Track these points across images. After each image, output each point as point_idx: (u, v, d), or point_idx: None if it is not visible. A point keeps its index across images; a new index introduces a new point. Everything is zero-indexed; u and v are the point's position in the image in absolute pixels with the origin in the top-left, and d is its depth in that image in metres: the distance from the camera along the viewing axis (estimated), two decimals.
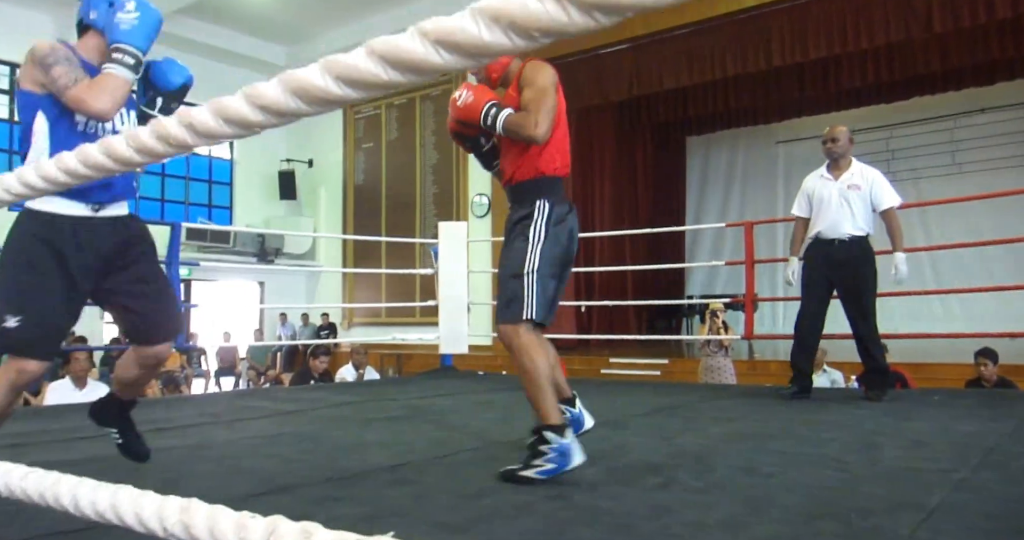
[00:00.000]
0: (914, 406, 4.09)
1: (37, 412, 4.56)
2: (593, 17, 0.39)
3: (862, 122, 14.45)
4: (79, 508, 0.80)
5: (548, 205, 2.45)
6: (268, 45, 14.19)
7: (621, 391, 5.16)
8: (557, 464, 2.27)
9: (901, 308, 13.53)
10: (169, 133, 0.54)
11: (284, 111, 0.48)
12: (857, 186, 4.35)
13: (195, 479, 2.44)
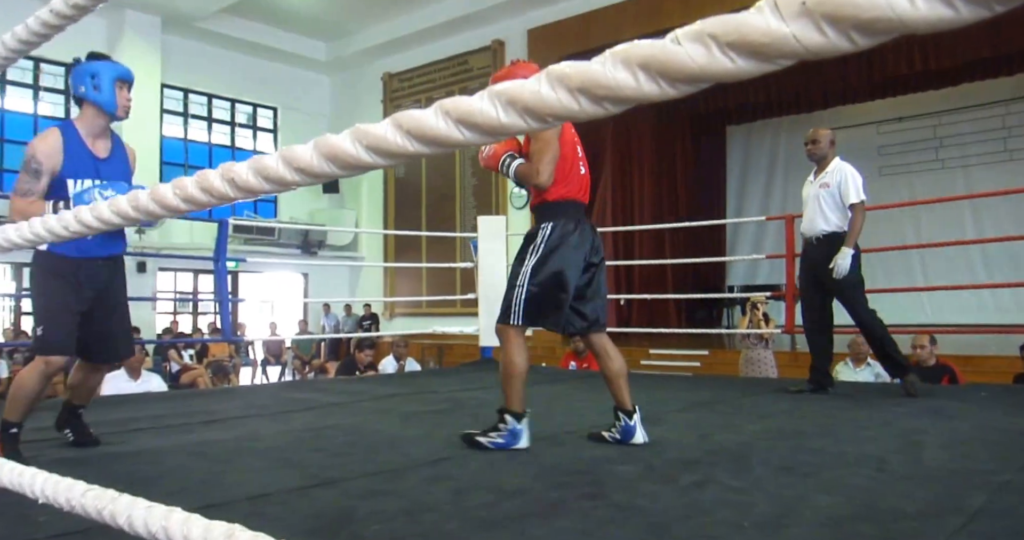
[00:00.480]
0: (959, 403, 4.02)
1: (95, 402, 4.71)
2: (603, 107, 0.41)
3: (908, 109, 14.13)
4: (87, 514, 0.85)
5: (551, 227, 2.86)
6: (309, 41, 14.36)
7: (659, 385, 5.15)
8: (506, 441, 2.78)
9: (951, 300, 13.26)
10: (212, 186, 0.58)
11: (317, 173, 0.51)
12: (827, 184, 4.45)
13: (243, 472, 2.51)
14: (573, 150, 2.93)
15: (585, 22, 11.42)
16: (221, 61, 13.86)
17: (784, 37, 0.34)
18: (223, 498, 2.14)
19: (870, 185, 16.10)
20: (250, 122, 14.84)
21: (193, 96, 13.91)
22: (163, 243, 12.06)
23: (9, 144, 11.90)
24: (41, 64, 12.09)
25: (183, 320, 13.43)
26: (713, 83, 0.40)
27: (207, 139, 14.14)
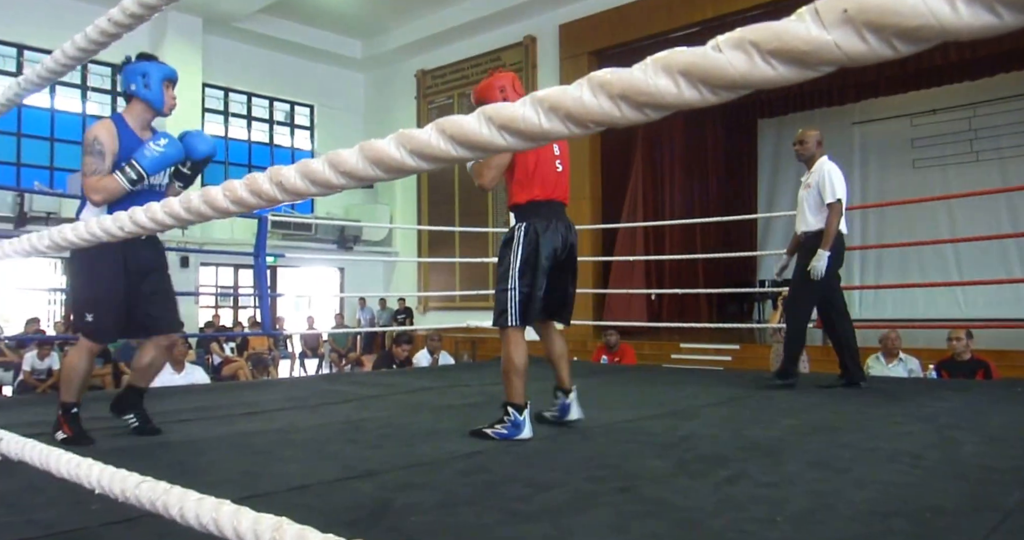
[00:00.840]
0: (995, 398, 3.94)
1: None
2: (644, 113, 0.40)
3: (942, 101, 13.83)
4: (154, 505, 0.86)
5: (524, 228, 3.00)
6: (345, 40, 14.45)
7: (691, 379, 5.11)
8: (509, 432, 2.89)
9: (986, 294, 12.99)
10: (261, 189, 0.58)
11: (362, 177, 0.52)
12: (808, 184, 4.49)
13: (283, 463, 2.54)
14: (547, 150, 3.03)
15: (616, 17, 11.33)
16: (260, 60, 14.00)
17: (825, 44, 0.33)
18: (265, 489, 2.17)
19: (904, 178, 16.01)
20: (288, 119, 14.99)
21: (233, 95, 14.08)
22: (205, 238, 12.24)
23: (60, 143, 12.15)
24: (88, 65, 12.31)
25: (224, 314, 13.63)
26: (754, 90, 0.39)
27: (247, 137, 14.31)
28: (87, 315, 2.84)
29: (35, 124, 11.93)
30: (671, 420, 3.41)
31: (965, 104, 13.74)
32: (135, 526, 1.77)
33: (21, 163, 11.83)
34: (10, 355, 9.20)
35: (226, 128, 13.97)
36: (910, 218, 13.43)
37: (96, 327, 2.85)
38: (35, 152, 11.94)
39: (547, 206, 3.02)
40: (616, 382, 4.97)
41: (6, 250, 1.09)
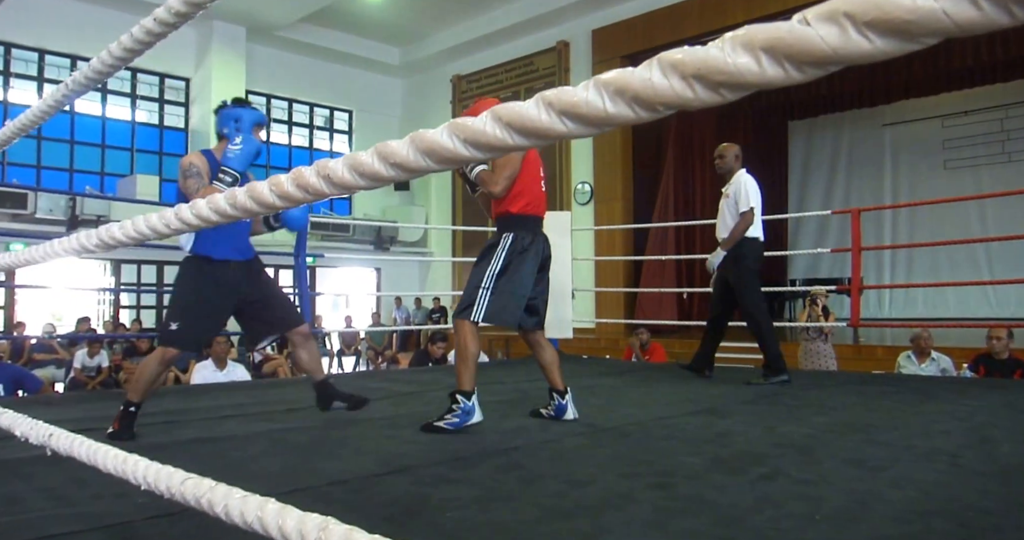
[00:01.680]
0: None
1: (185, 390, 4.86)
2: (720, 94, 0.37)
3: (974, 102, 13.52)
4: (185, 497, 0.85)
5: (512, 237, 3.11)
6: (384, 47, 14.52)
7: (722, 377, 5.03)
8: (461, 419, 2.93)
9: (1017, 293, 12.66)
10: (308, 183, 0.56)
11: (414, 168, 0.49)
12: (727, 195, 4.74)
13: (322, 459, 2.53)
14: (536, 168, 3.23)
15: (648, 22, 11.24)
16: (301, 67, 14.13)
17: (932, 12, 0.30)
18: (304, 484, 2.16)
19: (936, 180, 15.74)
20: (327, 125, 15.11)
21: (275, 101, 14.23)
22: None
23: (110, 149, 12.36)
24: (138, 74, 12.52)
25: None
26: (845, 66, 0.36)
27: (287, 142, 14.45)
28: (172, 324, 3.01)
29: (87, 131, 12.16)
30: (705, 417, 3.35)
31: (997, 105, 13.41)
32: (178, 521, 1.77)
33: (74, 169, 12.06)
34: (62, 353, 9.38)
35: (268, 133, 14.12)
36: (941, 219, 13.15)
37: (178, 336, 3.00)
38: (87, 158, 12.17)
39: (534, 220, 3.20)
40: (648, 380, 4.91)
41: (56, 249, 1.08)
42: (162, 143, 12.82)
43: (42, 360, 9.23)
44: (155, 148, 12.75)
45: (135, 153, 12.53)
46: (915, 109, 14.28)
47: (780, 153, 15.99)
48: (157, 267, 12.37)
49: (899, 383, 4.64)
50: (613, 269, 11.50)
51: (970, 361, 5.76)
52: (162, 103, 12.82)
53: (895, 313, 13.91)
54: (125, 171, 12.33)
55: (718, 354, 5.09)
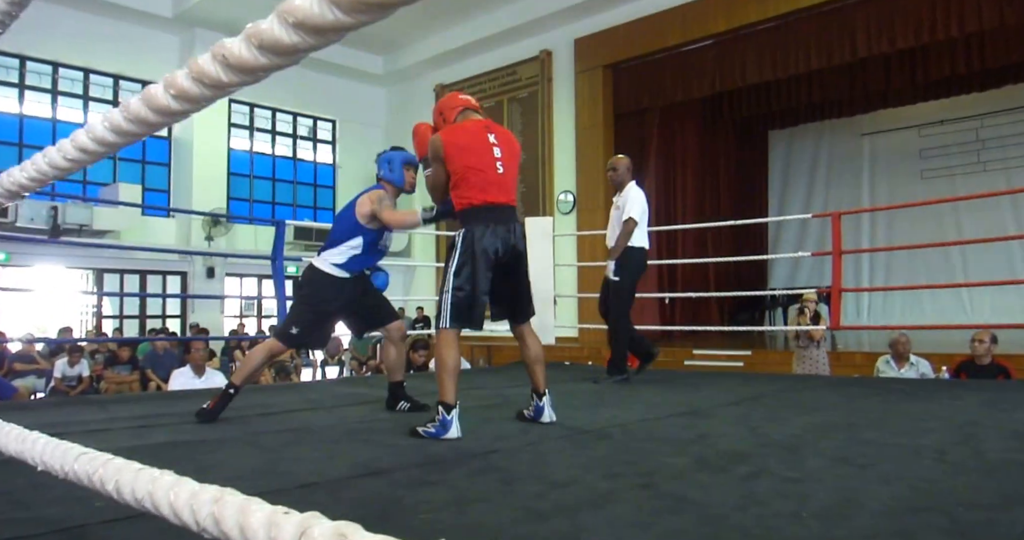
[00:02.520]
0: (1013, 396, 3.77)
1: (162, 396, 4.74)
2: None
3: (950, 112, 13.62)
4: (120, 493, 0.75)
5: (462, 233, 2.98)
6: (367, 56, 14.44)
7: (705, 381, 4.97)
8: (436, 431, 2.82)
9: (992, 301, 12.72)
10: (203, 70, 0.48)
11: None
12: (618, 206, 4.93)
13: (294, 462, 2.43)
14: (486, 153, 2.99)
15: (630, 31, 11.23)
16: (284, 76, 13.97)
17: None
18: (273, 486, 2.06)
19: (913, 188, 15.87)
20: (310, 134, 14.98)
21: (258, 110, 14.09)
22: (229, 250, 12.21)
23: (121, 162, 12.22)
24: (120, 81, 12.37)
25: (250, 323, 13.58)
26: None
27: (271, 151, 14.31)
28: (293, 328, 3.39)
29: None
30: (688, 419, 3.28)
31: (973, 115, 13.52)
32: (136, 523, 1.67)
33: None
34: (43, 363, 9.18)
35: (251, 142, 13.97)
36: (918, 228, 13.22)
37: (293, 338, 3.41)
38: None
39: (486, 210, 2.97)
40: (628, 386, 4.82)
41: None
42: (145, 152, 12.65)
43: (22, 371, 9.02)
44: (138, 157, 12.58)
45: (117, 161, 12.36)
46: (893, 119, 14.37)
47: (761, 162, 16.04)
48: (140, 277, 12.18)
49: (881, 385, 4.59)
50: (596, 276, 11.42)
51: (952, 369, 5.72)
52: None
53: (873, 321, 13.93)
54: (107, 179, 12.15)
55: (699, 362, 5.15)
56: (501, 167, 3.01)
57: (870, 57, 9.95)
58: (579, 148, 11.99)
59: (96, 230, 10.92)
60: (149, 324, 12.25)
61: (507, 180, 3.03)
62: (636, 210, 4.77)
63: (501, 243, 2.96)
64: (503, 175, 3.01)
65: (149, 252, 11.23)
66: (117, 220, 11.16)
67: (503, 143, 3.05)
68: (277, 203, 14.35)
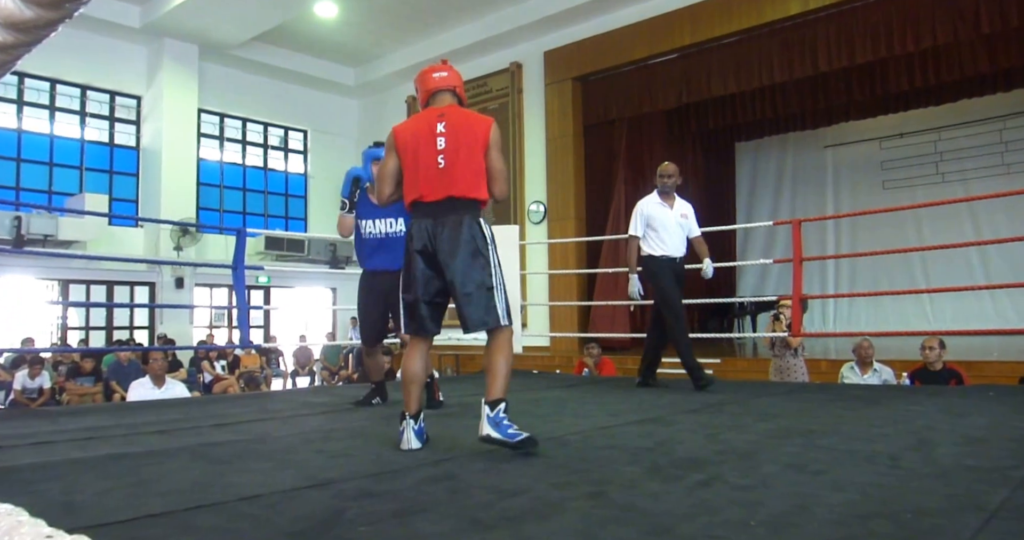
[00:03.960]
0: (969, 402, 3.77)
1: (116, 407, 4.60)
2: None
3: (910, 125, 13.82)
4: None
5: (406, 237, 2.86)
6: (339, 67, 14.34)
7: (670, 389, 4.94)
8: (399, 440, 2.74)
9: (953, 308, 12.89)
10: None
11: None
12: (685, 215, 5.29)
13: (241, 473, 2.34)
14: (429, 148, 2.76)
15: (599, 44, 11.27)
16: (255, 86, 13.87)
17: None
18: (213, 499, 1.97)
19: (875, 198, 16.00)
20: (282, 144, 14.82)
21: (228, 120, 13.91)
22: (199, 260, 11.99)
23: (58, 168, 11.93)
24: (88, 92, 12.15)
25: (219, 334, 13.36)
26: None
27: (241, 161, 14.13)
28: (355, 328, 3.69)
29: (34, 149, 11.71)
30: (648, 426, 3.23)
31: (931, 128, 13.73)
32: None
33: (20, 187, 11.59)
34: (3, 375, 8.93)
35: (221, 152, 13.78)
36: (880, 238, 13.37)
37: (360, 336, 4.07)
38: (34, 176, 11.71)
39: (424, 207, 2.75)
40: (595, 392, 4.78)
41: None
42: (112, 161, 12.42)
43: None
44: (105, 166, 12.34)
45: (84, 171, 12.11)
46: (855, 131, 14.55)
47: (728, 174, 16.14)
48: (107, 287, 11.92)
49: (842, 391, 4.59)
50: (567, 285, 11.41)
51: (908, 375, 5.75)
52: (112, 121, 12.43)
53: (839, 328, 14.04)
54: (74, 190, 11.89)
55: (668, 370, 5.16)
56: (443, 160, 2.73)
57: (831, 71, 10.07)
58: (549, 159, 11.99)
59: (62, 240, 10.68)
60: (116, 335, 11.99)
61: (450, 173, 2.73)
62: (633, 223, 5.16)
63: (427, 237, 2.73)
64: (444, 169, 2.73)
65: (116, 262, 11.00)
66: (83, 230, 10.92)
67: (453, 132, 2.76)
68: (248, 213, 14.16)
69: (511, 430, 2.59)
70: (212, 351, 10.32)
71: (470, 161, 2.75)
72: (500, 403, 2.63)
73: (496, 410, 2.62)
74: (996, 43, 9.72)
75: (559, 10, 11.25)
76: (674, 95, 10.96)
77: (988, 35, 9.04)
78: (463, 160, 2.74)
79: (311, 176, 15.02)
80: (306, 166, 15.06)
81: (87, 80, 12.04)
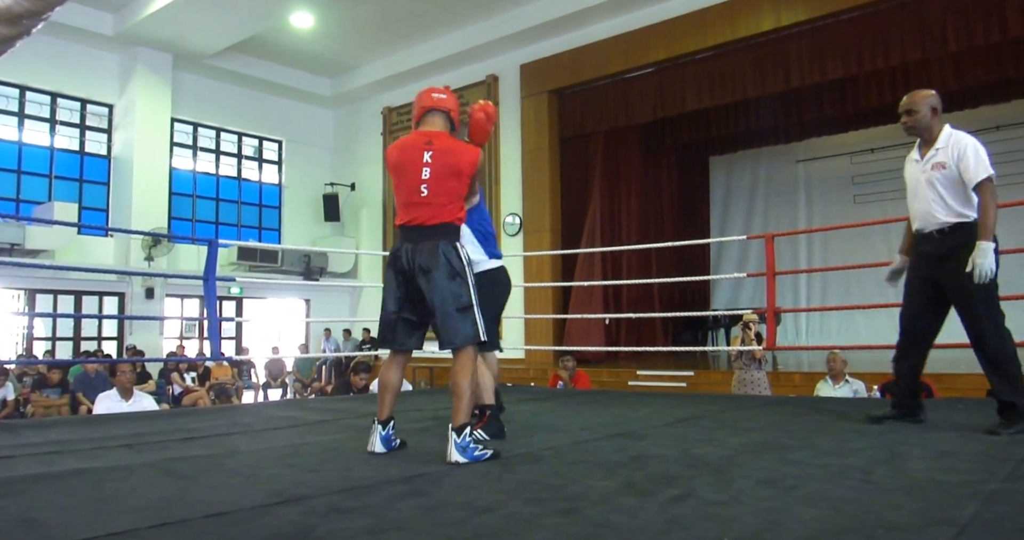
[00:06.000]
0: (938, 415, 3.82)
1: (82, 420, 4.50)
2: None
3: (880, 140, 14.05)
4: None
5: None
6: (314, 78, 14.30)
7: (645, 402, 4.93)
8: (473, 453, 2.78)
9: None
10: None
11: None
12: (941, 163, 3.43)
13: (209, 489, 2.29)
14: (415, 175, 2.87)
15: (575, 57, 11.36)
16: (229, 96, 13.76)
17: None
18: (179, 516, 1.92)
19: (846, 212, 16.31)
20: (256, 154, 14.71)
21: (202, 129, 13.79)
22: (171, 271, 11.82)
23: (27, 176, 11.73)
24: (58, 99, 11.98)
25: (190, 346, 13.17)
26: None
27: (215, 171, 13.99)
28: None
29: (2, 157, 11.50)
30: (621, 441, 3.22)
31: (901, 143, 13.96)
32: None
33: None
34: None
35: (194, 162, 13.63)
36: (851, 252, 13.57)
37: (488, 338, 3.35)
38: (1, 185, 11.49)
39: (407, 231, 2.89)
40: (570, 405, 4.76)
41: None
42: (83, 170, 12.23)
43: None
44: (75, 175, 12.15)
45: (53, 180, 11.92)
46: (826, 146, 14.77)
47: (703, 187, 16.30)
48: (75, 297, 11.71)
49: (813, 404, 4.62)
50: (542, 297, 11.41)
51: (879, 387, 5.83)
52: (83, 129, 12.25)
53: (812, 341, 14.20)
54: (42, 198, 11.69)
55: (643, 383, 5.00)
56: (426, 189, 2.84)
57: (804, 87, 10.22)
58: (525, 171, 12.02)
59: (29, 249, 10.48)
60: (83, 346, 11.76)
61: (432, 202, 2.84)
62: (984, 163, 3.32)
63: (405, 261, 2.85)
64: (427, 198, 2.84)
65: (85, 272, 10.81)
66: (51, 239, 10.72)
67: (438, 159, 2.86)
68: (221, 223, 14.01)
69: (477, 452, 2.70)
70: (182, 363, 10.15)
71: (450, 190, 2.88)
72: (465, 427, 2.71)
73: (463, 435, 2.69)
74: (962, 61, 9.95)
75: (535, 23, 11.32)
76: (649, 109, 11.07)
77: (955, 53, 9.25)
78: (446, 190, 2.86)
79: (285, 186, 14.92)
80: (280, 176, 14.96)
81: (58, 87, 11.88)
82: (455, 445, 2.66)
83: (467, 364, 2.80)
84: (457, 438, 2.67)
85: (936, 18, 8.64)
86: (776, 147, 14.89)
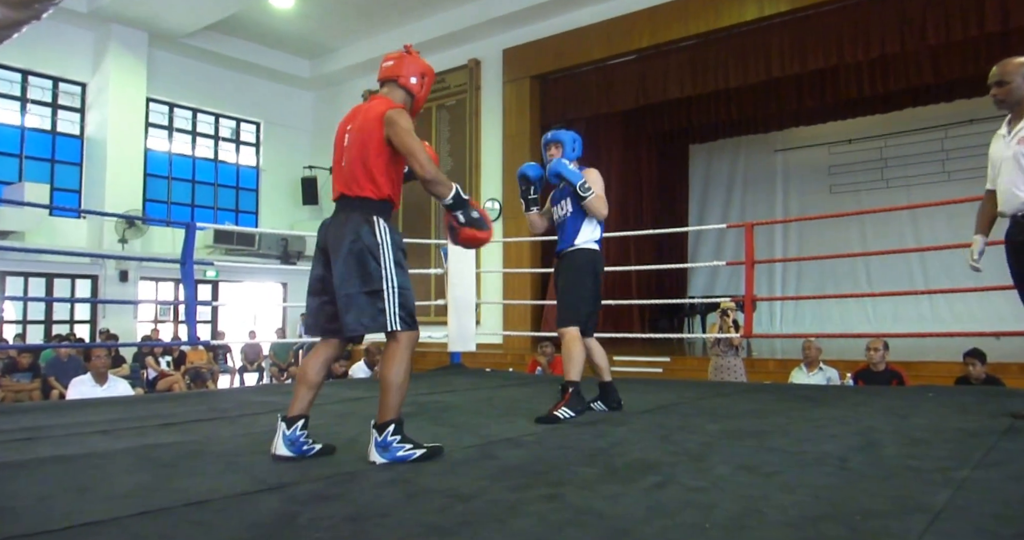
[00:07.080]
0: (910, 403, 3.88)
1: (56, 406, 4.43)
2: None
3: (857, 132, 14.20)
4: None
5: None
6: (293, 59, 14.11)
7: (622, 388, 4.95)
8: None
9: (893, 311, 13.30)
10: None
11: None
12: None
13: (189, 477, 2.27)
14: (338, 147, 2.70)
15: (558, 43, 11.30)
16: (206, 76, 13.54)
17: None
18: (158, 504, 1.91)
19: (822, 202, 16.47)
20: (234, 136, 14.51)
21: (178, 110, 13.56)
22: (145, 253, 11.67)
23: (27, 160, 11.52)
24: (29, 78, 11.71)
25: (164, 329, 13.03)
26: None
27: (191, 152, 13.79)
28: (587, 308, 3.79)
29: None
30: (601, 427, 3.24)
31: (877, 135, 14.11)
32: None
33: None
34: None
35: (170, 143, 13.42)
36: (827, 242, 13.73)
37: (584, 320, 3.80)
38: None
39: (336, 204, 2.66)
40: (549, 391, 4.77)
41: None
42: (54, 150, 11.99)
43: None
44: (47, 155, 11.91)
45: (24, 160, 11.68)
46: (804, 136, 14.88)
47: (682, 175, 16.36)
48: (47, 280, 11.52)
49: (789, 391, 4.68)
50: (521, 283, 11.42)
51: (852, 375, 5.91)
52: (55, 108, 12.00)
53: (786, 329, 14.37)
54: (13, 178, 11.46)
55: (619, 368, 4.97)
56: (344, 159, 2.64)
57: (784, 77, 10.27)
58: (506, 156, 11.98)
59: (1, 231, 10.28)
60: (56, 329, 11.59)
61: (347, 172, 2.61)
62: None
63: (321, 236, 2.64)
64: (344, 167, 2.63)
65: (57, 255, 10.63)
66: (22, 220, 10.53)
67: (356, 130, 2.63)
68: (197, 206, 13.83)
69: (402, 451, 2.44)
70: (157, 347, 10.04)
71: (363, 158, 2.59)
72: (388, 425, 2.44)
73: (384, 433, 2.43)
74: (940, 54, 10.06)
75: (519, 8, 11.24)
76: (631, 96, 11.06)
77: (933, 46, 9.34)
78: (357, 158, 2.60)
79: (263, 169, 14.75)
80: (258, 159, 14.78)
81: (28, 65, 11.60)
82: (375, 443, 2.43)
83: (396, 354, 2.52)
84: (378, 436, 2.43)
85: (916, 11, 8.71)
86: (755, 136, 14.98)
